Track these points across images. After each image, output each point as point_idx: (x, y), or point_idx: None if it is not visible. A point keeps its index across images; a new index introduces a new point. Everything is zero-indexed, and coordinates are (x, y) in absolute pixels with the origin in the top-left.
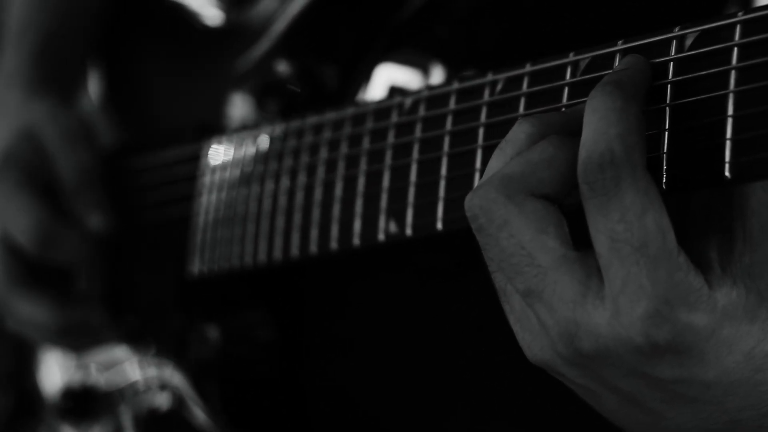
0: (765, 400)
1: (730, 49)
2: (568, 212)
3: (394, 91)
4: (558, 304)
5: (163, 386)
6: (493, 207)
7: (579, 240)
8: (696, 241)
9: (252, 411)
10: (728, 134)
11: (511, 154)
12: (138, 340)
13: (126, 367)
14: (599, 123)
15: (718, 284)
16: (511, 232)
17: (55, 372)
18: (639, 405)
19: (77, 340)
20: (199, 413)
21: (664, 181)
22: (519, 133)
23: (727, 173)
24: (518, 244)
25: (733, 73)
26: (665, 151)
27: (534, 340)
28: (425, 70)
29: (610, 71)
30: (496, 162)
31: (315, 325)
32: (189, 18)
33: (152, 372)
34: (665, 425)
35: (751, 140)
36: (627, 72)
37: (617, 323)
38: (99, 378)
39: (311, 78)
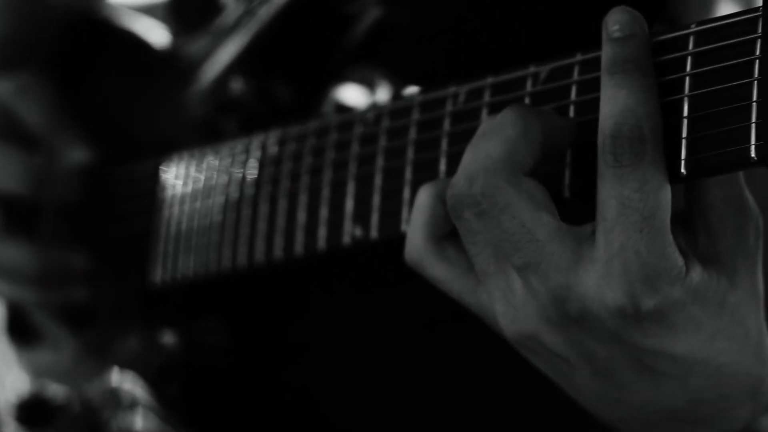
0: (725, 382)
1: (684, 58)
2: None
3: (342, 109)
4: (553, 273)
5: (134, 404)
6: (495, 193)
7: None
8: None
9: (213, 414)
10: (684, 134)
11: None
12: (99, 350)
13: (84, 378)
14: (627, 100)
15: (691, 266)
16: (513, 213)
17: (12, 384)
18: (609, 377)
19: (57, 289)
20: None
21: None
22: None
23: (683, 170)
24: (520, 223)
25: (687, 79)
26: None
27: (518, 312)
28: (376, 88)
29: (615, 40)
30: (471, 155)
31: (271, 329)
32: (141, 43)
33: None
34: (630, 403)
35: (703, 139)
36: (639, 48)
37: (605, 285)
38: (55, 390)
39: (267, 96)
